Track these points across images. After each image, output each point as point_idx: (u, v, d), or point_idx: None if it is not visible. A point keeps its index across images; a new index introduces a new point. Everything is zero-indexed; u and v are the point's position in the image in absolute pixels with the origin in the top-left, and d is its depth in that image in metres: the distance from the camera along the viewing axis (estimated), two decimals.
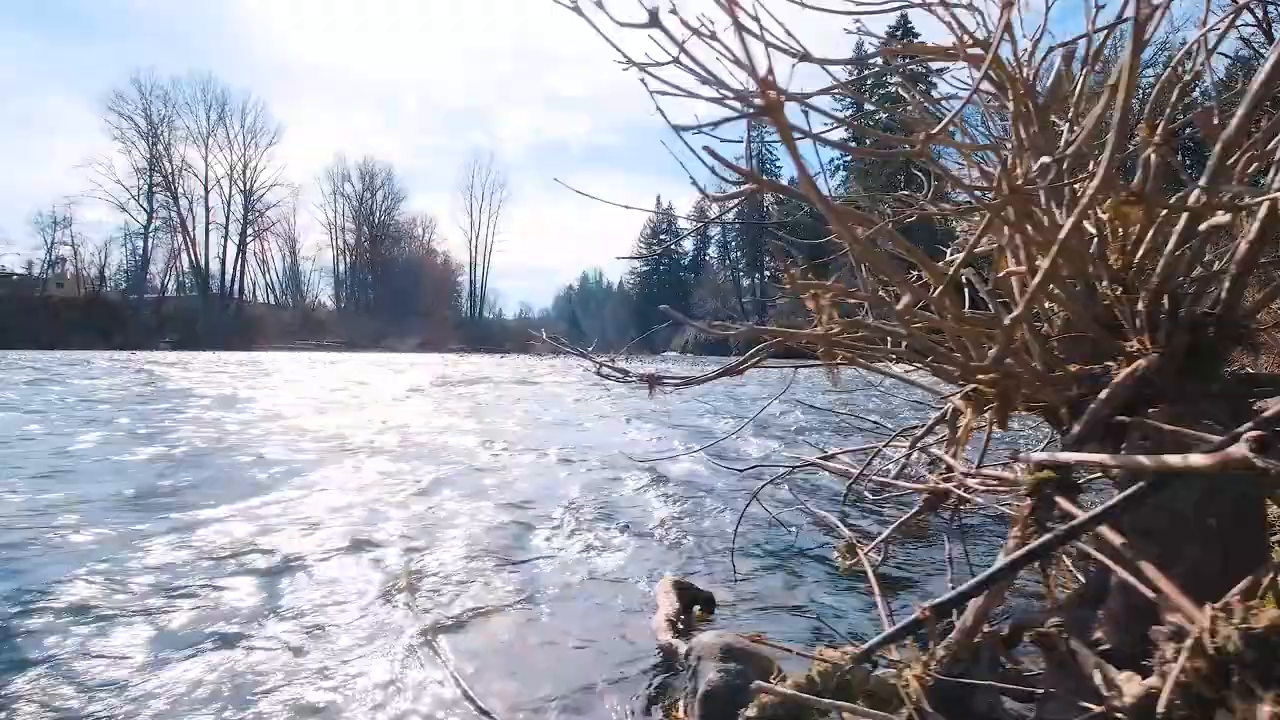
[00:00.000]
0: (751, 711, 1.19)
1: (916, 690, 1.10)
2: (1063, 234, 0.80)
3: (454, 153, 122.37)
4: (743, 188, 1.34)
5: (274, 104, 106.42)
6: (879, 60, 1.68)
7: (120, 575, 2.18)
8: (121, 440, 5.25)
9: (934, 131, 0.89)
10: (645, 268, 67.49)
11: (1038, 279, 0.83)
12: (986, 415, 1.23)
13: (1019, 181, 0.91)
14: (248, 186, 57.05)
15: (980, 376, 1.05)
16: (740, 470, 3.33)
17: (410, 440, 5.50)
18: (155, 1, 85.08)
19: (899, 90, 1.65)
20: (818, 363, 1.59)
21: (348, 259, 63.59)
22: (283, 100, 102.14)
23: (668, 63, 1.18)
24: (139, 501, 3.22)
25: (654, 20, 0.83)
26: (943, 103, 1.90)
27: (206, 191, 55.69)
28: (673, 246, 65.46)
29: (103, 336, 43.08)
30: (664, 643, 1.70)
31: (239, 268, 57.57)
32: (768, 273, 56.76)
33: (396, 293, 59.61)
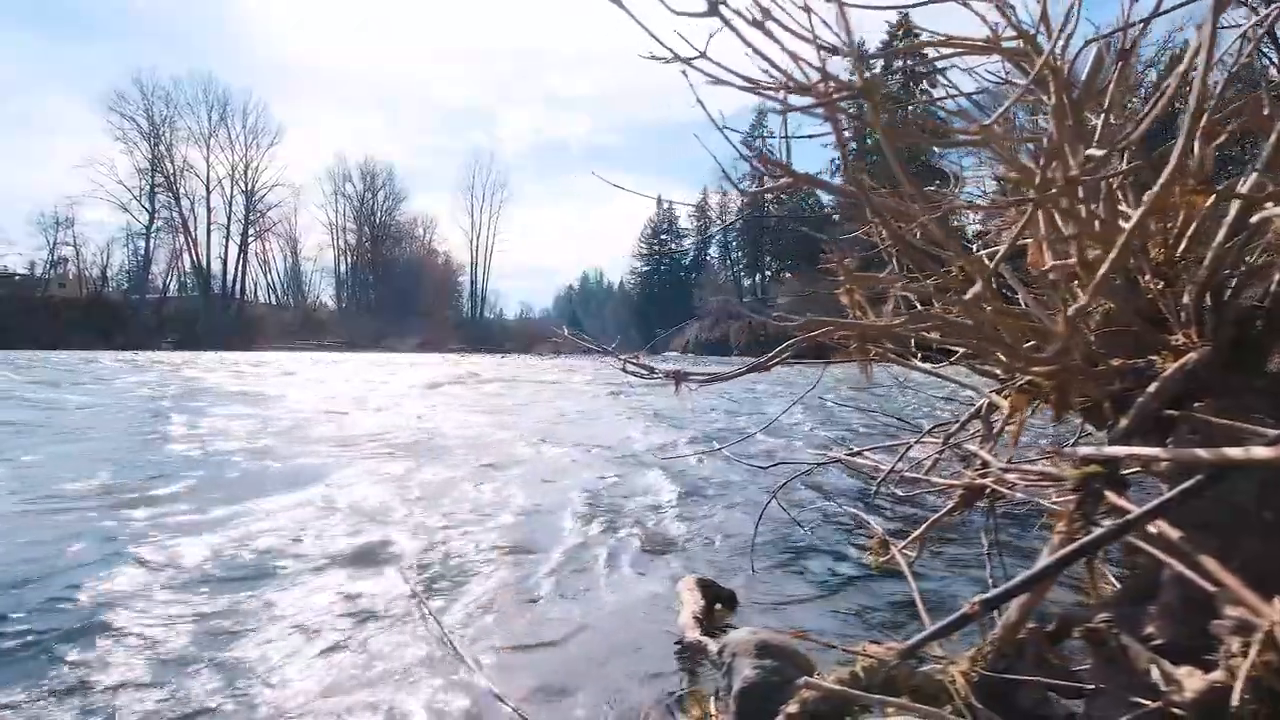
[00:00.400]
0: (793, 708, 1.17)
1: (963, 686, 1.09)
2: (1133, 222, 0.80)
3: (454, 153, 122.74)
4: (780, 181, 1.34)
5: (275, 104, 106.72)
6: (886, 56, 1.68)
7: (203, 559, 2.35)
8: (197, 435, 5.43)
9: (988, 122, 0.88)
10: (646, 268, 67.09)
11: (1104, 269, 0.82)
12: (1028, 410, 1.22)
13: (1073, 173, 0.90)
14: (249, 187, 57.05)
15: (1036, 370, 1.05)
16: (764, 467, 3.33)
17: (458, 435, 5.67)
18: (155, 1, 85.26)
19: (929, 85, 1.64)
20: (848, 359, 1.58)
21: (349, 259, 63.62)
22: (283, 100, 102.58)
23: (695, 57, 1.18)
24: (236, 490, 3.40)
25: (713, 9, 0.82)
26: (955, 98, 1.89)
27: (208, 192, 55.71)
28: (686, 244, 65.40)
29: (103, 337, 43.04)
30: (691, 640, 1.69)
31: (240, 268, 57.60)
32: (769, 272, 56.78)
33: (397, 293, 59.58)
